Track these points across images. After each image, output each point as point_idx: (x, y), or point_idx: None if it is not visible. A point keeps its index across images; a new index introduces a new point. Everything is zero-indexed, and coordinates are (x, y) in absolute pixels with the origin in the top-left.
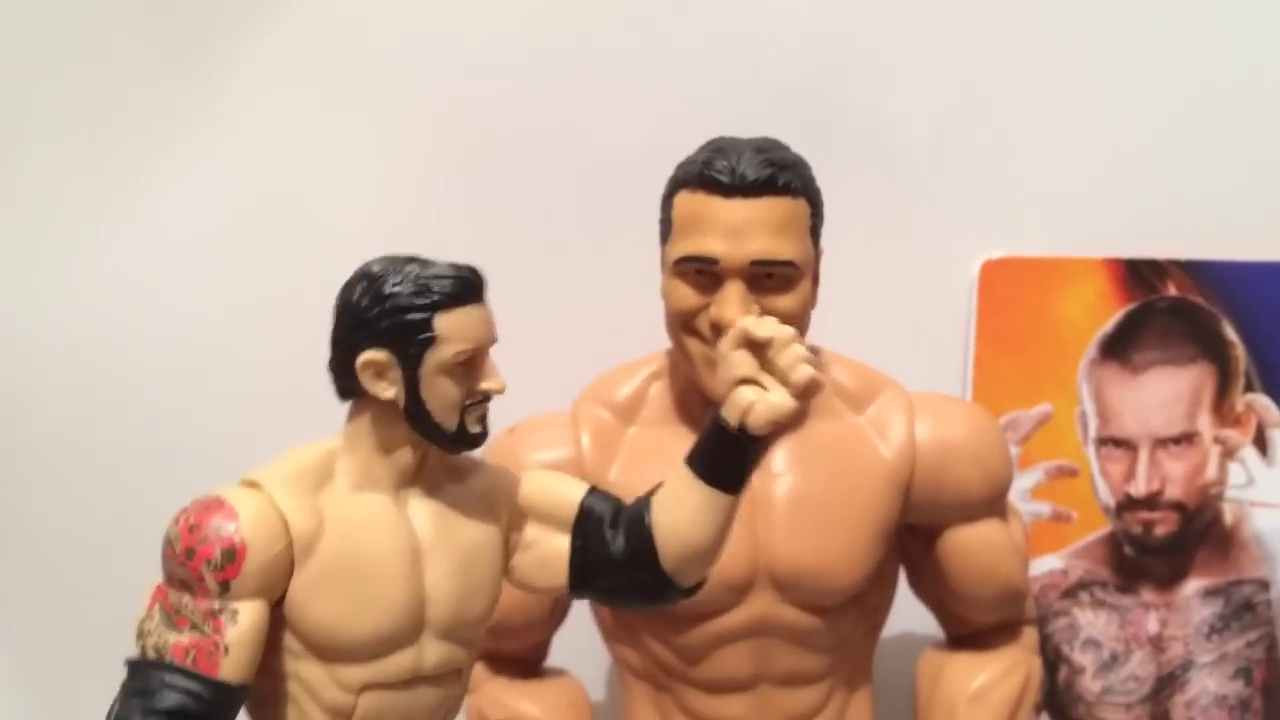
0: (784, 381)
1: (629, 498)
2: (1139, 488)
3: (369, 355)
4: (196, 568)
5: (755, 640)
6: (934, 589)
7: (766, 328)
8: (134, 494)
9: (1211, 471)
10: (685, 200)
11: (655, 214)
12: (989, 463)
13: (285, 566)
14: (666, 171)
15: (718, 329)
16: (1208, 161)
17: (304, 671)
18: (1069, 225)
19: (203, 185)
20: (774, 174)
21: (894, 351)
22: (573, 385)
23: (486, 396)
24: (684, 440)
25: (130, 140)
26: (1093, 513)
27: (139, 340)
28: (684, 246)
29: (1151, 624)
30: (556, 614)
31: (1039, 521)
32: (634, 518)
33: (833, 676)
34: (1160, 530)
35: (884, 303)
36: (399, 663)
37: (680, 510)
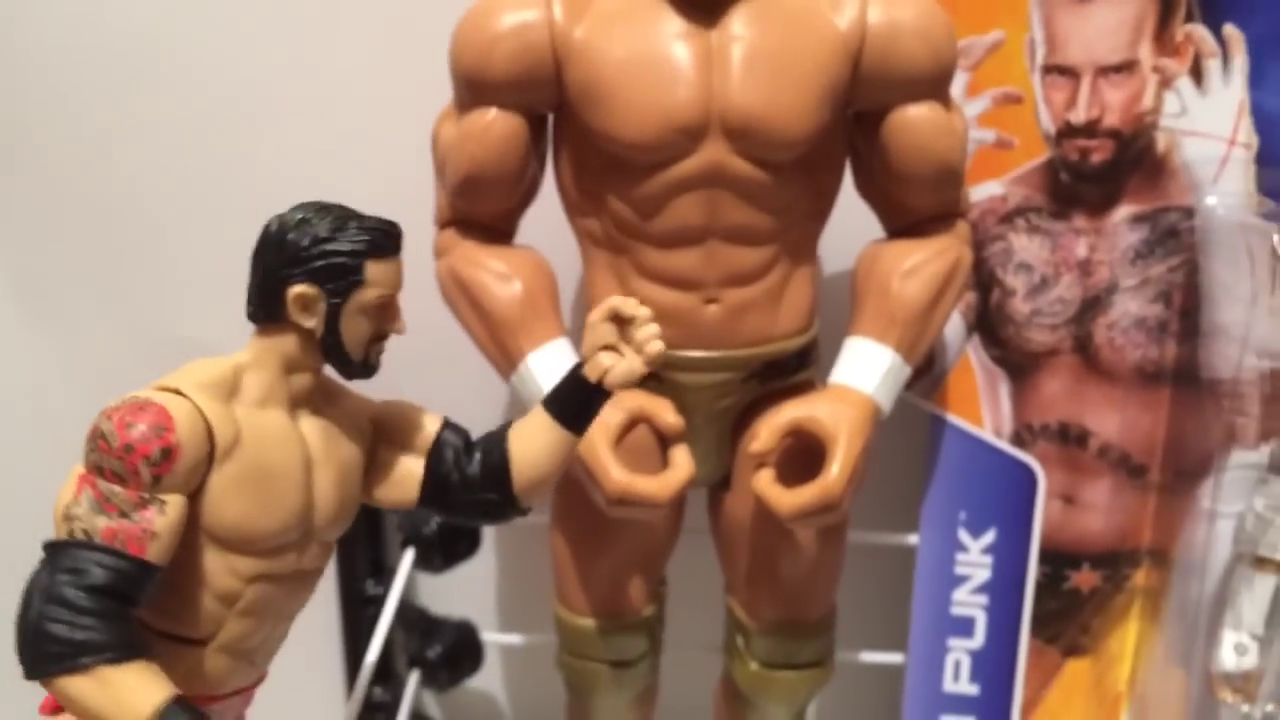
0: (639, 351)
1: (591, 56)
2: (1079, 115)
3: (300, 289)
4: (134, 462)
5: (707, 191)
6: (878, 178)
7: (631, 307)
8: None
9: (1148, 100)
10: None
11: None
12: (936, 41)
13: (205, 467)
14: None
15: None
16: None
17: (204, 561)
18: None
19: None
20: None
21: None
22: None
23: (388, 335)
24: (648, 4)
25: None
26: (1034, 140)
27: None
28: None
29: (1081, 249)
30: (526, 178)
31: (983, 148)
32: (490, 447)
33: (778, 242)
34: (1096, 157)
35: None
36: (286, 560)
37: (534, 443)
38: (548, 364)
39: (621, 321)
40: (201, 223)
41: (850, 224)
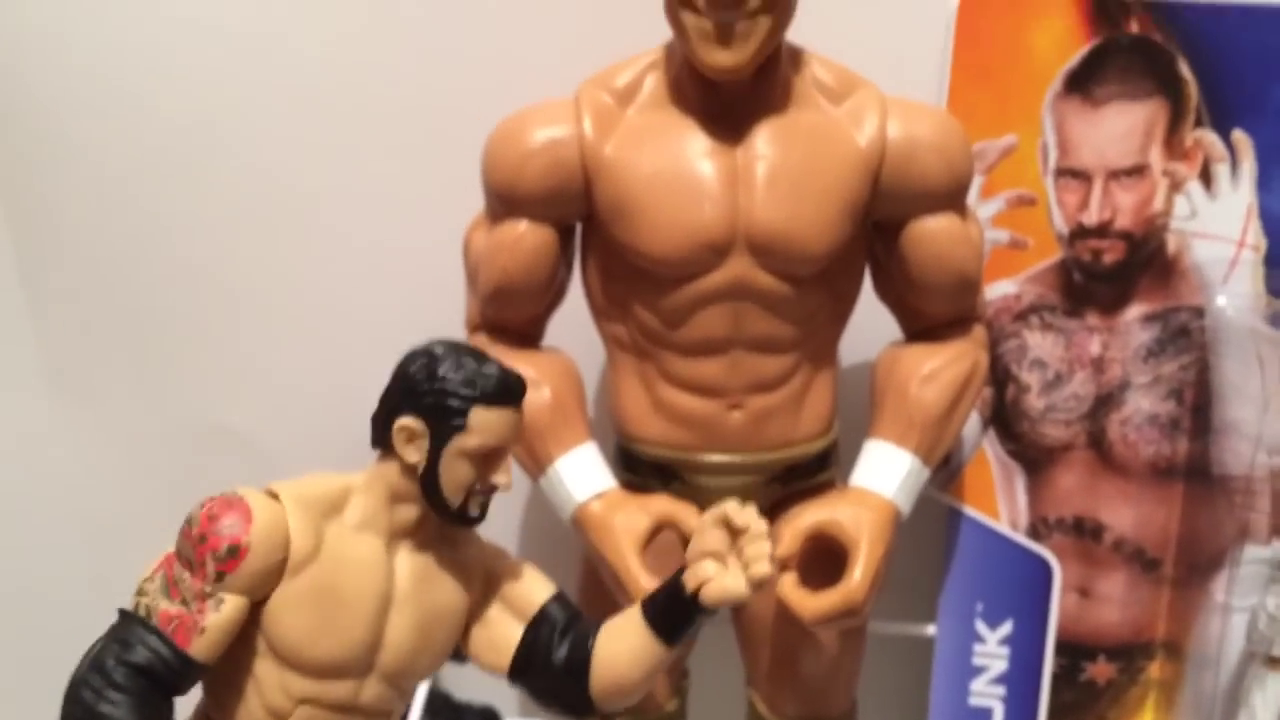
0: (745, 567)
1: (620, 173)
2: (1091, 217)
3: (406, 421)
4: (203, 553)
5: (732, 303)
6: (896, 284)
7: (745, 516)
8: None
9: (1159, 203)
10: None
11: None
12: (952, 156)
13: (275, 576)
14: None
15: None
16: None
17: (260, 668)
18: None
19: None
20: None
21: (876, 78)
22: (567, 81)
23: (494, 488)
24: (676, 122)
25: None
26: (1047, 240)
27: (157, 61)
28: None
29: (1094, 346)
30: (555, 286)
31: (998, 248)
32: (580, 635)
33: (799, 350)
34: (1108, 258)
35: (866, 32)
36: (339, 690)
37: (621, 644)
38: (575, 469)
39: (733, 531)
40: (236, 316)
41: (871, 323)
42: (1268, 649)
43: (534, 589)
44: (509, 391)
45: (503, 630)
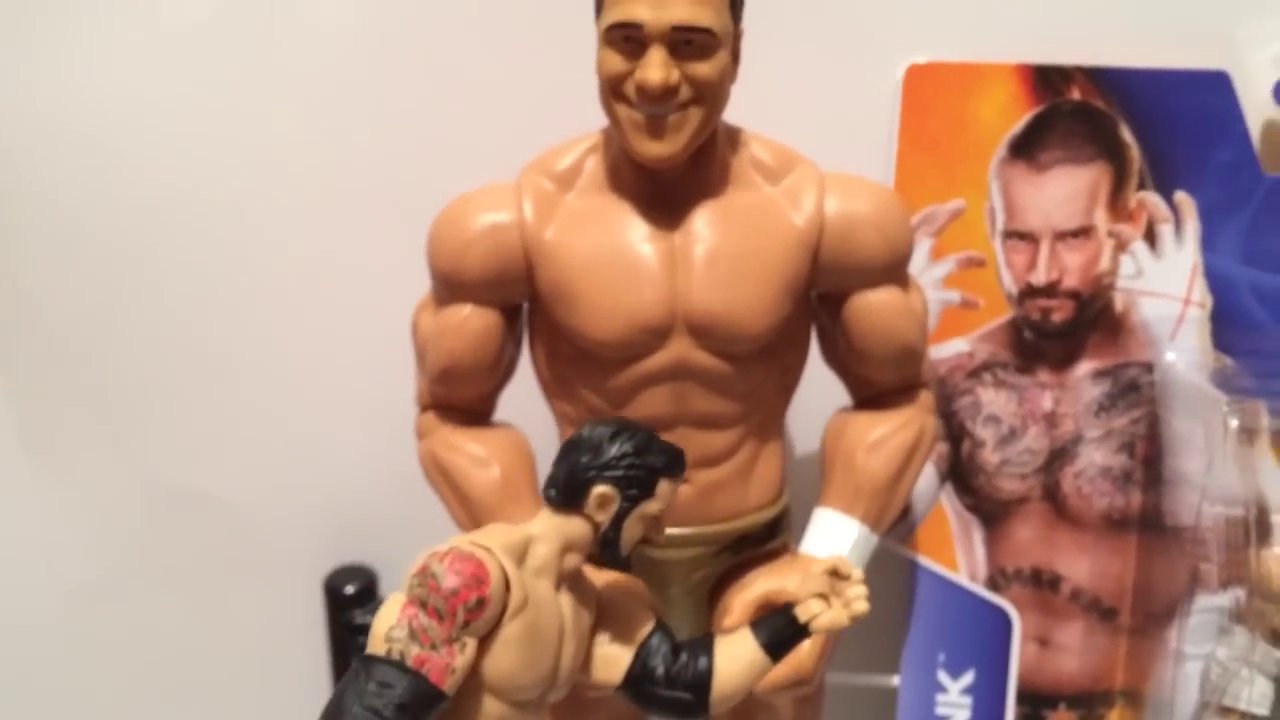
0: (845, 606)
1: (561, 257)
2: (1039, 277)
3: (603, 489)
4: (454, 605)
5: (674, 384)
6: (841, 354)
7: (847, 568)
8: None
9: (1105, 263)
10: None
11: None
12: (890, 231)
13: (498, 620)
14: None
15: (642, 91)
16: None
17: (466, 698)
18: (985, 34)
19: None
20: None
21: (824, 148)
22: (520, 161)
23: (655, 542)
24: (614, 207)
25: None
26: (997, 300)
27: (123, 139)
28: (613, 15)
29: (1046, 402)
30: (502, 365)
31: (949, 308)
32: (697, 652)
33: (745, 424)
34: (1057, 316)
35: (815, 102)
36: (526, 713)
37: (738, 660)
38: None
39: (837, 576)
40: (204, 379)
41: (821, 383)
42: (1220, 699)
43: (641, 612)
44: (682, 465)
45: (614, 649)
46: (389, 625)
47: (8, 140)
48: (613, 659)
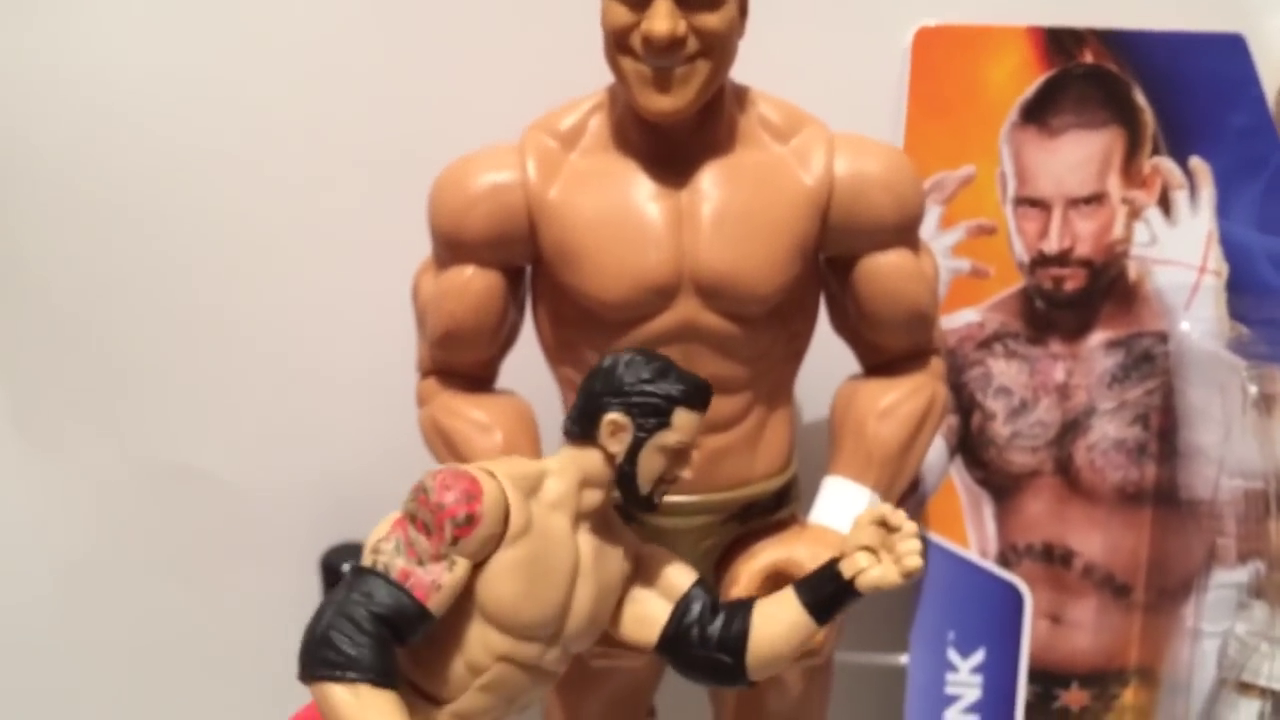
0: (896, 562)
1: (565, 216)
2: (1051, 245)
3: (614, 416)
4: (442, 519)
5: (682, 345)
6: (851, 319)
7: (898, 518)
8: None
9: (1118, 230)
10: None
11: None
12: (901, 192)
13: (495, 544)
14: None
15: (648, 43)
16: None
17: (467, 628)
18: None
19: None
20: None
21: (832, 112)
22: (522, 126)
23: (678, 479)
24: (619, 165)
25: None
26: (1008, 269)
27: (116, 112)
28: None
29: (1058, 373)
30: (505, 329)
31: (959, 277)
32: (735, 613)
33: (753, 389)
34: (1069, 285)
35: (824, 66)
36: (530, 650)
37: (778, 622)
38: None
39: (887, 528)
40: (200, 356)
41: (830, 351)
42: (1238, 674)
43: (680, 573)
44: (702, 397)
45: (649, 608)
46: (378, 537)
47: (3, 116)
48: (649, 617)
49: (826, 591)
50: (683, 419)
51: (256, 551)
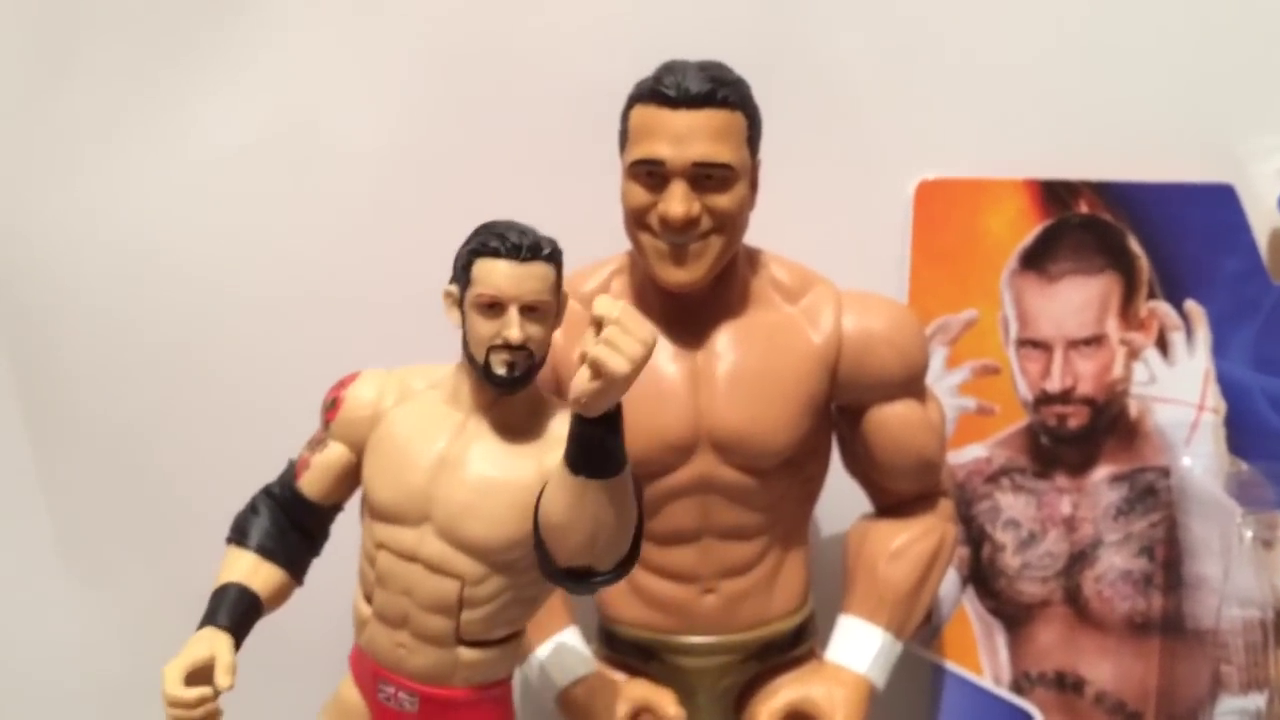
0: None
1: None
2: (1054, 384)
3: (448, 287)
4: (324, 406)
5: (699, 497)
6: (861, 464)
7: (603, 306)
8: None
9: (1118, 370)
10: (639, 113)
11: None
12: (905, 348)
13: (364, 428)
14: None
15: (665, 222)
16: (1113, 95)
17: (364, 522)
18: (994, 150)
19: (221, 111)
20: (714, 89)
21: (840, 262)
22: None
23: (506, 344)
24: None
25: (155, 70)
26: (1013, 406)
27: (161, 260)
28: (637, 151)
29: (1065, 506)
30: None
31: (965, 415)
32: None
33: (768, 534)
34: (1073, 422)
35: (830, 219)
36: (404, 537)
37: (553, 501)
38: (555, 656)
39: (599, 325)
40: (240, 489)
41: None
42: None
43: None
44: (514, 247)
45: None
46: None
47: (52, 261)
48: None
49: (572, 440)
50: (481, 270)
51: (297, 678)
